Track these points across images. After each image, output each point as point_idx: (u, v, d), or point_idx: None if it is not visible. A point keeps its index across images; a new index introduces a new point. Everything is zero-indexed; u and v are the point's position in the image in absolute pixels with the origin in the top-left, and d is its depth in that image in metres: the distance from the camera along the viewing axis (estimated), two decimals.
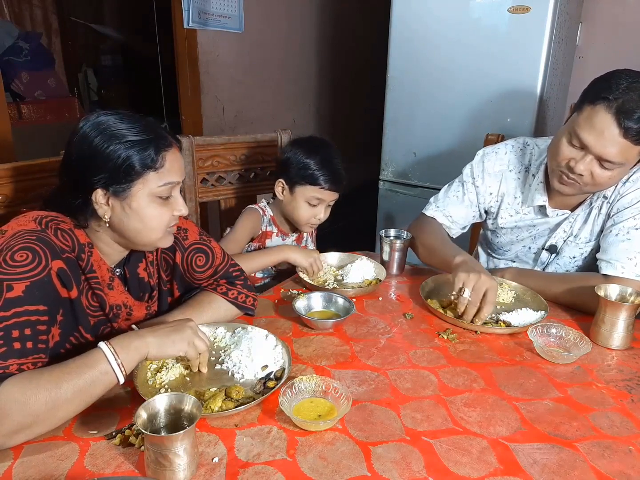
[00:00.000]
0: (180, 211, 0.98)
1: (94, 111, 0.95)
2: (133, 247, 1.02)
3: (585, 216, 1.35)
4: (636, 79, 1.11)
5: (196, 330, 0.92)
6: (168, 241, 1.02)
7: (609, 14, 2.48)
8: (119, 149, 0.88)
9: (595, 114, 1.12)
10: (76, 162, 0.91)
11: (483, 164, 1.47)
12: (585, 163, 1.17)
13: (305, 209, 1.46)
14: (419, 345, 1.11)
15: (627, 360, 1.08)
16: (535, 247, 1.46)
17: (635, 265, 1.20)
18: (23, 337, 0.79)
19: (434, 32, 2.23)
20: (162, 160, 0.92)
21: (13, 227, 0.87)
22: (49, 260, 0.85)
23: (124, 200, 0.92)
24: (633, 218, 1.24)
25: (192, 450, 0.72)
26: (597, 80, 1.18)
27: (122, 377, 0.82)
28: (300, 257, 1.40)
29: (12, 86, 3.53)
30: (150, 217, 0.94)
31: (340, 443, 0.81)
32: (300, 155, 1.42)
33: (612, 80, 1.12)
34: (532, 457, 0.80)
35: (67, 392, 0.77)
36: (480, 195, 1.49)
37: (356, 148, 4.08)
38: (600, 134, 1.12)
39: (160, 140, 0.92)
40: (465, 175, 1.50)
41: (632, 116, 1.08)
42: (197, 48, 2.77)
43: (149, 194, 0.92)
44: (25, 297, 0.81)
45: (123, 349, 0.82)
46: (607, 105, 1.10)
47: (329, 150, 1.47)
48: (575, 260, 1.40)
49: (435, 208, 1.53)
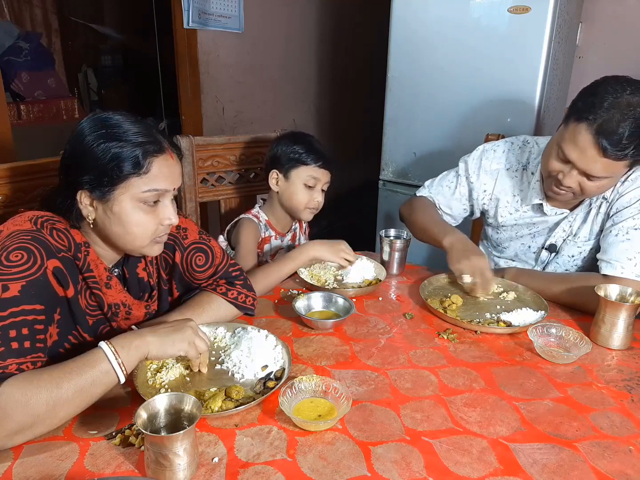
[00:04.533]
0: (170, 220, 0.95)
1: (97, 110, 0.94)
2: (121, 250, 1.00)
3: (584, 215, 1.35)
4: (621, 93, 1.10)
5: (197, 330, 0.92)
6: (155, 250, 0.99)
7: (609, 14, 2.48)
8: (108, 149, 0.87)
9: (578, 133, 1.14)
10: (67, 160, 0.92)
11: (480, 161, 1.50)
12: (572, 177, 1.19)
13: (303, 192, 1.50)
14: (419, 345, 1.11)
15: (627, 360, 1.08)
16: (535, 246, 1.47)
17: (635, 265, 1.20)
18: (21, 336, 0.79)
19: (434, 32, 2.23)
20: (148, 166, 0.89)
21: (8, 227, 0.87)
22: (45, 259, 0.85)
23: (105, 204, 0.90)
24: (632, 218, 1.24)
25: (192, 450, 0.72)
26: (585, 93, 1.18)
27: (123, 377, 0.82)
28: (328, 254, 1.38)
29: (12, 86, 3.53)
30: (132, 223, 0.92)
31: (340, 443, 0.81)
32: (288, 145, 1.50)
33: (597, 96, 1.12)
34: (532, 457, 0.80)
35: (67, 391, 0.77)
36: (475, 191, 1.51)
37: (356, 148, 4.08)
38: (583, 152, 1.14)
39: (151, 145, 0.90)
40: (461, 169, 1.54)
41: (611, 137, 1.09)
42: (197, 48, 2.77)
43: (132, 198, 0.90)
44: (21, 296, 0.81)
45: (123, 349, 0.82)
46: (588, 125, 1.12)
47: (310, 137, 1.56)
48: (574, 259, 1.40)
49: (427, 193, 1.60)
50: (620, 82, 1.13)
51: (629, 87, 1.11)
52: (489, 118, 2.18)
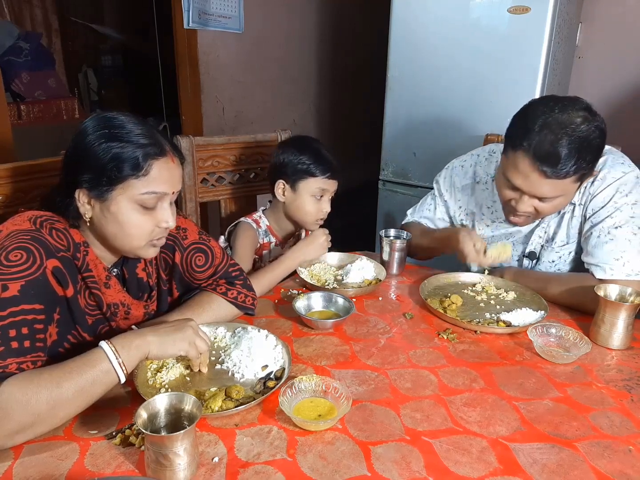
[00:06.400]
0: (167, 223, 0.95)
1: (99, 110, 0.94)
2: (118, 251, 1.00)
3: (558, 220, 1.35)
4: (549, 113, 1.11)
5: (197, 330, 0.92)
6: (150, 253, 0.99)
7: (609, 14, 2.48)
8: (109, 149, 0.87)
9: (517, 160, 1.15)
10: (68, 158, 0.92)
11: (451, 179, 1.54)
12: (525, 202, 1.20)
13: (311, 205, 1.48)
14: (418, 345, 1.11)
15: (627, 360, 1.08)
16: (516, 255, 1.48)
17: (624, 265, 1.20)
18: (20, 336, 0.79)
19: (433, 32, 2.23)
20: (148, 168, 0.89)
21: (8, 227, 0.87)
22: (44, 259, 0.85)
23: (103, 203, 0.90)
24: (610, 217, 1.24)
25: (192, 450, 0.72)
26: (516, 120, 1.20)
27: (124, 377, 0.82)
28: (313, 252, 1.43)
29: (12, 86, 3.53)
30: (128, 224, 0.92)
31: (340, 443, 0.81)
32: (294, 154, 1.46)
33: (528, 121, 1.14)
34: (531, 456, 0.80)
35: (68, 391, 0.77)
36: (450, 209, 1.56)
37: (356, 148, 4.08)
38: (526, 178, 1.15)
39: (153, 147, 0.90)
40: (435, 190, 1.59)
41: (549, 159, 1.10)
42: (197, 48, 2.77)
43: (130, 199, 0.90)
44: (21, 296, 0.81)
45: (124, 348, 0.82)
46: (524, 152, 1.13)
47: (317, 144, 1.52)
48: (555, 264, 1.40)
49: (412, 219, 1.63)
50: (546, 102, 1.15)
51: (556, 106, 1.13)
52: (488, 118, 2.18)
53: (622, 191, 1.23)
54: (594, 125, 1.11)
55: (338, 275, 1.43)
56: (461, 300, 1.27)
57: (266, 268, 1.36)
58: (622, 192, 1.23)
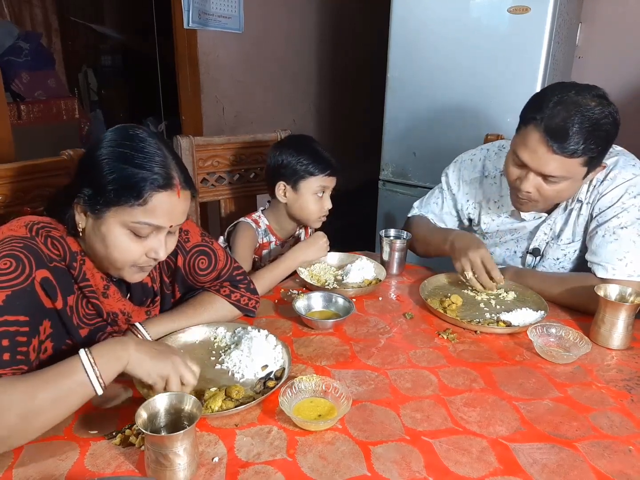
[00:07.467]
0: (156, 254, 0.91)
1: (127, 125, 0.90)
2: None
3: (565, 218, 1.35)
4: (567, 93, 1.12)
5: (185, 362, 0.85)
6: (135, 278, 0.95)
7: (609, 14, 2.48)
8: (114, 169, 0.85)
9: (527, 134, 1.16)
10: (80, 164, 0.91)
11: (459, 172, 1.54)
12: (529, 181, 1.20)
13: (314, 203, 1.49)
14: (418, 345, 1.11)
15: (627, 360, 1.08)
16: (520, 251, 1.48)
17: (626, 265, 1.20)
18: (0, 348, 0.75)
19: (433, 32, 2.23)
20: (147, 198, 0.85)
21: (4, 232, 0.85)
22: (34, 269, 0.82)
23: (95, 220, 0.88)
24: (617, 217, 1.23)
25: (192, 450, 0.72)
26: (532, 98, 1.20)
27: (100, 389, 0.77)
28: (312, 254, 1.43)
29: (12, 86, 3.53)
30: (115, 247, 0.88)
31: (340, 443, 0.81)
32: (292, 155, 1.47)
33: (544, 97, 1.15)
34: (532, 456, 0.80)
35: (43, 402, 0.73)
36: (458, 202, 1.55)
37: (356, 148, 4.08)
38: (534, 152, 1.15)
39: (160, 178, 0.86)
40: (443, 183, 1.58)
41: (559, 133, 1.10)
42: (197, 48, 2.77)
43: (122, 224, 0.87)
44: (5, 306, 0.77)
45: (103, 358, 0.77)
46: (536, 125, 1.13)
47: (313, 143, 1.53)
48: (559, 262, 1.40)
49: (418, 213, 1.62)
50: (565, 85, 1.16)
51: (574, 88, 1.14)
52: (489, 118, 2.18)
53: (630, 192, 1.23)
54: (607, 110, 1.11)
55: (338, 275, 1.43)
56: (461, 300, 1.27)
57: (266, 268, 1.36)
58: (631, 194, 1.23)
